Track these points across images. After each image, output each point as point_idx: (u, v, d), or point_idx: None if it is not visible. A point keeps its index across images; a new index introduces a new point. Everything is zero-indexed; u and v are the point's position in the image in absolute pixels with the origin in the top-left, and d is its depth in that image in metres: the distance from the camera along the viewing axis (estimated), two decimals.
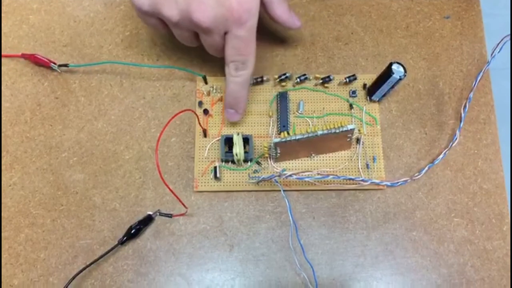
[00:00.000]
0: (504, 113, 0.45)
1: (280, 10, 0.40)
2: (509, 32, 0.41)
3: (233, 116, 0.42)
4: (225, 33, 0.36)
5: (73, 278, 0.38)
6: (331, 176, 0.39)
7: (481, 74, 0.42)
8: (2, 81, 0.45)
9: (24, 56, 0.45)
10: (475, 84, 0.42)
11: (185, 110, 0.38)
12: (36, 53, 0.45)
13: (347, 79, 0.44)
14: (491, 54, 0.42)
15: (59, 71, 0.45)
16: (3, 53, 0.45)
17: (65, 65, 0.44)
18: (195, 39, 0.39)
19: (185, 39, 0.39)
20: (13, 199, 0.42)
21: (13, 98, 0.44)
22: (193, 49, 0.45)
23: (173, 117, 0.36)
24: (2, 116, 0.44)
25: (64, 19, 0.47)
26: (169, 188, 0.36)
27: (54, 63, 0.44)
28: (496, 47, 0.41)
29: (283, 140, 0.39)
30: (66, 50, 0.46)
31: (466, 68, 0.46)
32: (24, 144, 0.43)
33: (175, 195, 0.38)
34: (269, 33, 0.47)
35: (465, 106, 0.42)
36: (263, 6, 0.40)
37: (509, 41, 0.41)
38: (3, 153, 0.43)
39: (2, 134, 0.43)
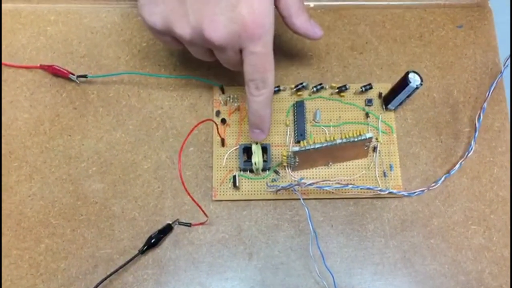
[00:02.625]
0: None
1: (300, 20, 0.39)
2: None
3: (259, 136, 0.41)
4: (240, 50, 0.35)
5: None
6: (350, 186, 0.39)
7: (494, 84, 0.42)
8: (21, 92, 0.45)
9: (42, 67, 0.45)
10: (488, 95, 0.42)
11: (205, 120, 0.38)
12: (54, 64, 0.45)
13: (363, 88, 0.44)
14: (504, 64, 0.42)
15: (78, 82, 0.45)
16: (21, 64, 0.46)
17: (84, 76, 0.45)
18: (210, 55, 0.38)
19: (200, 55, 0.39)
20: (33, 209, 0.42)
21: (32, 109, 0.45)
22: None
23: (195, 127, 0.37)
24: (22, 127, 0.44)
25: (81, 30, 0.47)
26: (191, 197, 0.37)
27: (73, 74, 0.45)
28: (509, 57, 0.42)
29: (302, 149, 0.39)
30: (84, 61, 0.46)
31: (480, 76, 0.46)
32: (43, 155, 0.43)
33: (197, 204, 0.38)
34: (285, 42, 0.47)
35: (479, 117, 0.42)
36: (282, 18, 0.39)
37: None
38: (22, 164, 0.43)
39: (22, 145, 0.43)
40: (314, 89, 0.45)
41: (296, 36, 0.42)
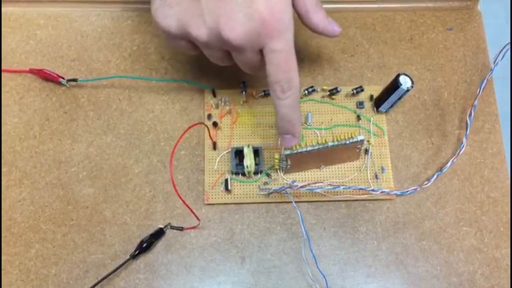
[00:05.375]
0: (505, 122, 0.46)
1: (318, 17, 0.37)
2: (509, 40, 0.42)
3: (291, 141, 0.38)
4: (260, 50, 0.34)
5: None
6: (342, 187, 0.39)
7: (485, 81, 0.42)
8: (10, 96, 0.45)
9: (32, 71, 0.45)
10: (479, 91, 0.42)
11: (197, 124, 0.38)
12: (44, 68, 0.45)
13: (354, 91, 0.45)
14: (494, 62, 0.42)
15: (68, 86, 0.45)
16: (11, 68, 0.45)
17: (74, 80, 0.44)
18: (228, 58, 0.36)
19: (218, 59, 0.37)
20: (23, 214, 0.41)
21: (21, 113, 0.44)
22: (201, 62, 0.46)
23: (186, 130, 0.36)
24: (11, 131, 0.44)
25: (71, 34, 0.47)
26: (183, 201, 0.37)
27: (63, 78, 0.44)
28: (499, 54, 0.42)
29: (294, 152, 0.39)
30: (74, 65, 0.46)
31: (470, 78, 0.47)
32: (33, 159, 0.43)
33: (189, 207, 0.38)
34: None
35: (470, 114, 0.42)
36: (299, 16, 0.38)
37: (509, 50, 0.42)
38: (12, 169, 0.43)
39: (11, 150, 0.43)
40: (306, 92, 0.45)
41: (321, 35, 0.41)
